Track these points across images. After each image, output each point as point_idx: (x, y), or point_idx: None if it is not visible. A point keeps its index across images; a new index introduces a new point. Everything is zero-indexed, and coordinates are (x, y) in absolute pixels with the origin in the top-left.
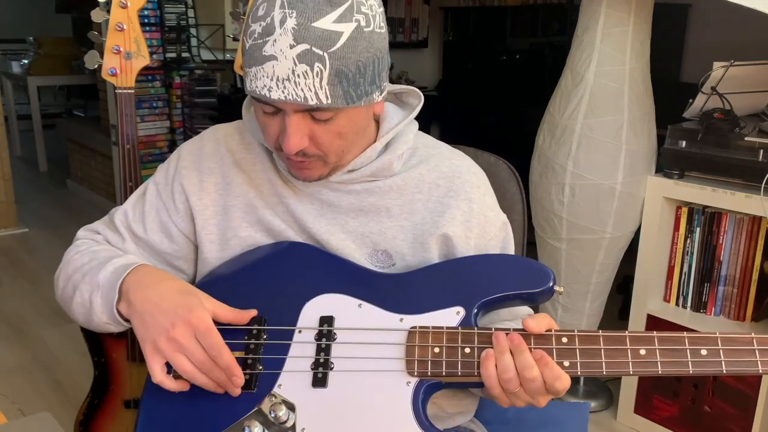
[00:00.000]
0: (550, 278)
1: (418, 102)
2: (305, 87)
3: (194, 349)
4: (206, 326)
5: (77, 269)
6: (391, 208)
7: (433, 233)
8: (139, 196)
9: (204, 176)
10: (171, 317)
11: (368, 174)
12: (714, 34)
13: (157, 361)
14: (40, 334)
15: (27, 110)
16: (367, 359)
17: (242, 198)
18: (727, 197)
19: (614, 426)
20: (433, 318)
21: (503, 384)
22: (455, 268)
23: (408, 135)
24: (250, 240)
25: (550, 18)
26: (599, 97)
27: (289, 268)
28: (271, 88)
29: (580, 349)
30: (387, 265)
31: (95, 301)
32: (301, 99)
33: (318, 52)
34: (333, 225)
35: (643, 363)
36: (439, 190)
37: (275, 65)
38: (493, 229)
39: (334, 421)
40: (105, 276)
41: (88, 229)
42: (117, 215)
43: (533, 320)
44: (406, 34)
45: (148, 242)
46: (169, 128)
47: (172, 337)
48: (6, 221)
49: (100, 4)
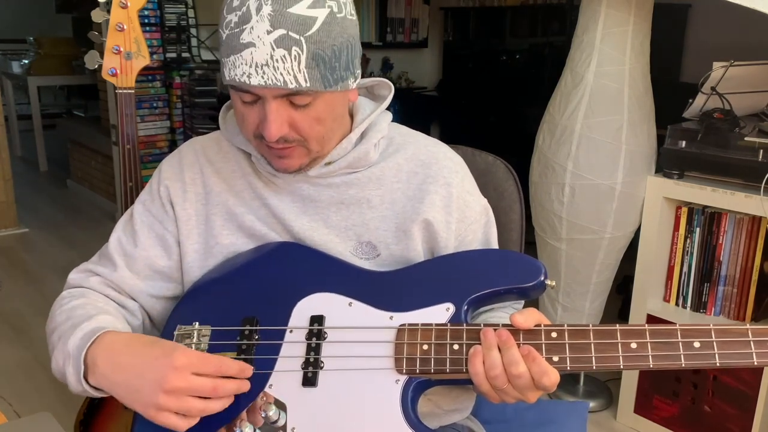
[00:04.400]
0: (541, 272)
1: (389, 93)
2: (284, 71)
3: (200, 384)
4: (197, 357)
5: (55, 329)
6: (371, 199)
7: (415, 220)
8: (126, 220)
9: (187, 186)
10: (157, 372)
11: (345, 165)
12: (714, 34)
13: (168, 417)
14: (40, 334)
15: (27, 110)
16: (356, 358)
17: (222, 206)
18: (727, 197)
19: (614, 426)
20: (422, 315)
21: (491, 381)
22: (445, 265)
23: (382, 124)
24: (232, 247)
25: (550, 18)
26: (599, 97)
27: (280, 269)
28: (251, 75)
29: (569, 344)
30: (372, 256)
31: (68, 371)
32: (281, 83)
33: (295, 36)
34: (315, 221)
35: (633, 357)
36: (418, 177)
37: (253, 51)
38: (473, 214)
39: (324, 420)
40: (73, 344)
41: (79, 270)
42: (110, 244)
43: (521, 315)
44: (406, 34)
45: (147, 260)
46: (169, 128)
47: (169, 389)
48: (6, 221)
49: (101, 4)
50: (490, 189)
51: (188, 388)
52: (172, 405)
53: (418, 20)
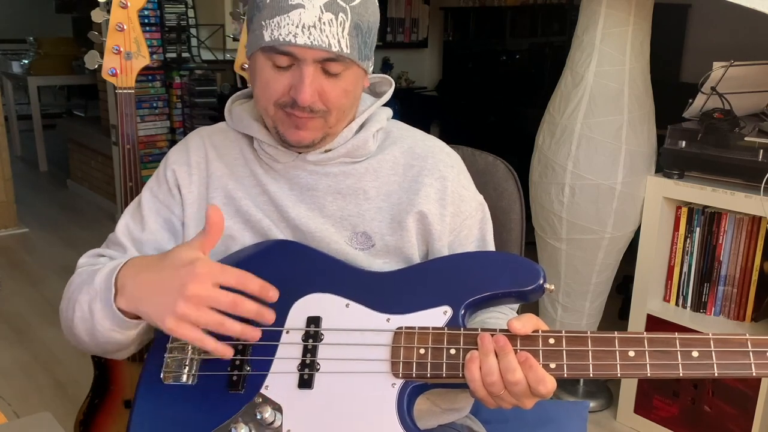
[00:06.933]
0: (539, 276)
1: (389, 88)
2: (329, 34)
3: (220, 295)
4: (219, 266)
5: (75, 288)
6: (368, 191)
7: (409, 211)
8: (135, 206)
9: (192, 169)
10: (179, 279)
11: (344, 153)
12: (714, 34)
13: (187, 330)
14: (40, 334)
15: (27, 110)
16: (352, 361)
17: (222, 190)
18: (727, 197)
19: (614, 426)
20: (419, 318)
21: (487, 387)
22: (443, 267)
23: (381, 116)
24: (227, 231)
25: (550, 18)
26: (599, 97)
27: (277, 268)
28: (297, 35)
29: (567, 351)
30: (367, 246)
31: (95, 308)
32: (326, 45)
33: (342, 3)
34: (312, 210)
35: (631, 365)
36: (414, 169)
37: (302, 12)
38: (469, 208)
39: (319, 423)
40: (99, 280)
41: (88, 255)
42: (117, 230)
43: (518, 321)
44: (406, 34)
45: (155, 244)
46: (169, 128)
47: (189, 295)
48: (6, 221)
49: (101, 4)
50: (490, 189)
51: (207, 297)
52: (191, 313)
53: (418, 20)
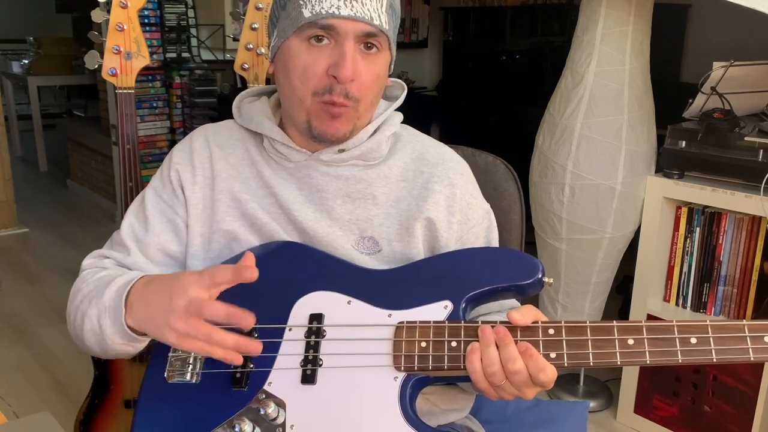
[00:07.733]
0: (538, 269)
1: (402, 92)
2: (371, 8)
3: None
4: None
5: (84, 298)
6: (377, 196)
7: (417, 218)
8: (138, 205)
9: (196, 170)
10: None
11: (358, 155)
12: (714, 34)
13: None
14: (40, 334)
15: (27, 110)
16: (355, 355)
17: (227, 192)
18: (727, 197)
19: (614, 426)
20: (421, 313)
21: (488, 377)
22: (443, 262)
23: (394, 119)
24: (233, 233)
25: (550, 18)
26: (599, 97)
27: (279, 267)
28: (340, 7)
29: (566, 341)
30: (374, 251)
31: (104, 324)
32: (368, 18)
33: None
34: (320, 212)
35: (630, 353)
36: (423, 176)
37: None
38: (476, 216)
39: (323, 418)
40: (109, 296)
41: (92, 256)
42: (122, 230)
43: (518, 313)
44: (406, 34)
45: (159, 245)
46: (169, 128)
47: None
48: (6, 221)
49: (100, 4)
50: (490, 189)
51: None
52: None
53: (418, 20)
